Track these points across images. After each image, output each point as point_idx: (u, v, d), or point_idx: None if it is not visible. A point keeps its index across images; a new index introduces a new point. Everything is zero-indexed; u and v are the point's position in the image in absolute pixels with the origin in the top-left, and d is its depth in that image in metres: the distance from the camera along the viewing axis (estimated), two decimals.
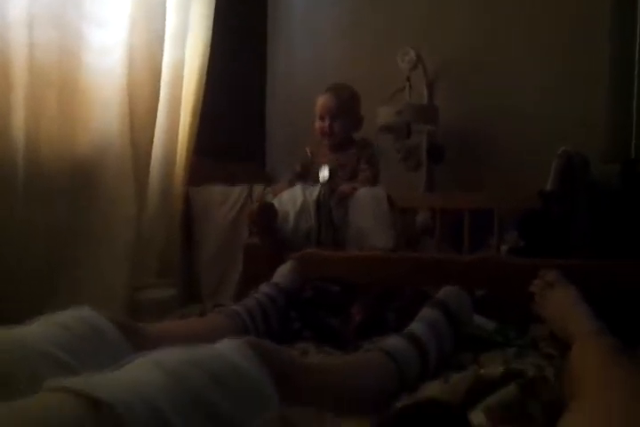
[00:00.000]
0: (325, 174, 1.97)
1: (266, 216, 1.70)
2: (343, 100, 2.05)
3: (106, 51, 1.75)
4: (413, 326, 0.98)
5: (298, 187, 1.87)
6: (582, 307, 1.04)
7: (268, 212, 1.72)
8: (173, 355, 0.56)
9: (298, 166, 2.11)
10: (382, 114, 2.37)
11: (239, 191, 2.14)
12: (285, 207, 1.79)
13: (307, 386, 0.63)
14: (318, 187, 1.82)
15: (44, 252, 1.62)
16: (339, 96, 2.05)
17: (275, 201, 1.83)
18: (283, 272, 1.35)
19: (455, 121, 2.48)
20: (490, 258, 1.52)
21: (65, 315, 0.71)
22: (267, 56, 2.96)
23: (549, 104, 2.33)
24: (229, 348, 0.59)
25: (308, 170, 2.07)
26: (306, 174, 2.06)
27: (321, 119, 2.06)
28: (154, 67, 1.88)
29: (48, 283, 1.61)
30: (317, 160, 2.06)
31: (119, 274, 1.74)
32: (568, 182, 1.71)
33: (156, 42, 1.88)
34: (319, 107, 2.06)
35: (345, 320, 1.22)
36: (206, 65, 2.16)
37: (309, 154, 2.12)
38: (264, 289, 1.24)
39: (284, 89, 2.90)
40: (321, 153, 2.10)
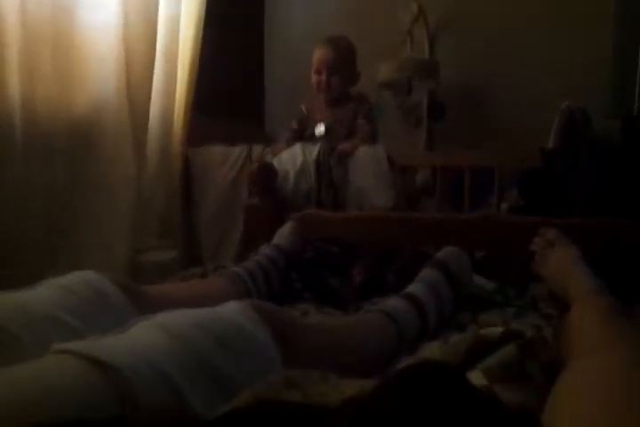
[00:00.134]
0: (322, 130, 1.94)
1: (265, 176, 1.69)
2: (341, 52, 1.95)
3: (99, 4, 1.70)
4: (414, 287, 0.99)
5: (297, 146, 1.85)
6: (582, 266, 1.04)
7: (268, 172, 1.71)
8: (178, 318, 0.56)
9: (294, 123, 2.04)
10: (382, 70, 2.32)
11: (239, 151, 2.11)
12: (285, 167, 1.77)
13: (307, 347, 0.63)
14: (318, 146, 1.80)
15: (43, 212, 1.60)
16: (336, 49, 1.95)
17: (274, 161, 1.82)
18: (283, 234, 1.35)
19: (456, 77, 2.43)
20: (490, 216, 1.52)
21: (69, 278, 0.72)
22: (264, 11, 2.88)
23: (552, 59, 2.29)
24: (234, 310, 0.59)
25: (305, 126, 2.01)
26: (302, 131, 2.01)
27: (317, 73, 1.95)
28: (149, 20, 1.83)
29: (47, 244, 1.60)
30: (313, 116, 2.01)
31: (120, 235, 1.73)
32: (570, 138, 1.69)
33: None
34: (316, 60, 1.96)
35: (345, 281, 1.23)
36: (203, 20, 2.09)
37: (305, 110, 2.05)
38: (265, 251, 1.25)
39: (283, 46, 2.83)
40: (317, 109, 2.02)
